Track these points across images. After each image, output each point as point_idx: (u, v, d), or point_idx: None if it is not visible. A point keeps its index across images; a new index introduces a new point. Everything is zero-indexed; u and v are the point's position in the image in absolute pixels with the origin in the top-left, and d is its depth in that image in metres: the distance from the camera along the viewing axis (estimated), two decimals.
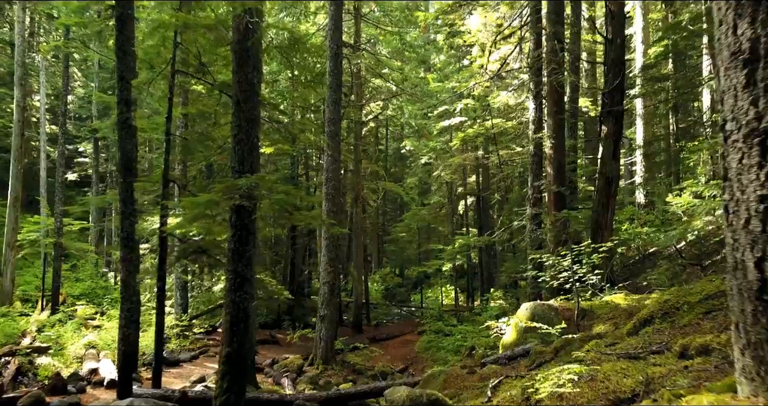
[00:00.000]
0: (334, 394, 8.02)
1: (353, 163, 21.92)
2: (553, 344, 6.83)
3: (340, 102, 14.91)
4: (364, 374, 14.30)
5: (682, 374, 2.91)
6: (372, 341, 19.05)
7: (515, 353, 7.57)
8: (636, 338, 4.79)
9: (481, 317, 16.98)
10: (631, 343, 4.60)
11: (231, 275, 6.60)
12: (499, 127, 19.03)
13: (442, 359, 15.69)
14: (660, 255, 15.82)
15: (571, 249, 7.78)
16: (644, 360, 3.67)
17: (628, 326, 5.70)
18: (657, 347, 4.07)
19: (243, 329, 6.49)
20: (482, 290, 25.15)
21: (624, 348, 4.39)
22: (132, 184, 7.94)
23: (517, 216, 20.02)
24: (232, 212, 6.63)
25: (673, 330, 4.70)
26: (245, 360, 6.53)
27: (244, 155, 6.74)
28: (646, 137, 22.88)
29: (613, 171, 12.04)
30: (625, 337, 5.47)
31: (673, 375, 2.91)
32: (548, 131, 12.70)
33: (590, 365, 3.84)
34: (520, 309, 8.63)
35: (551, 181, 12.47)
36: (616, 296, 8.43)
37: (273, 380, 12.60)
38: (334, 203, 14.09)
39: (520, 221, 14.10)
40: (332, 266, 14.05)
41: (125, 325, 7.73)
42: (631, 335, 5.39)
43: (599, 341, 5.10)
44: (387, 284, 33.44)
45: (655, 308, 5.46)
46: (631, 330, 5.56)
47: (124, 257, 7.83)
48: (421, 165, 31.80)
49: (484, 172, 24.99)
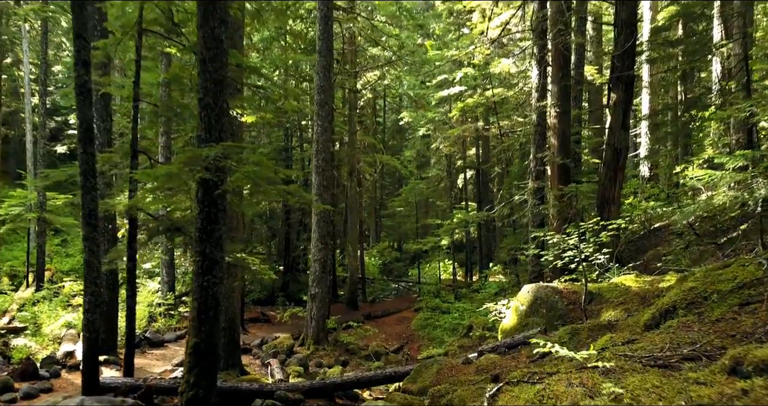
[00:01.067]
0: (318, 384, 7.40)
1: (348, 135, 21.05)
2: (558, 334, 6.16)
3: (332, 69, 13.98)
4: (357, 354, 13.76)
5: (740, 401, 2.21)
6: (367, 319, 18.52)
7: (515, 341, 6.92)
8: (659, 335, 4.08)
9: (480, 295, 16.40)
10: (655, 341, 3.89)
11: (198, 258, 5.89)
12: (499, 96, 18.11)
13: (439, 338, 15.16)
14: (667, 230, 15.12)
15: (578, 226, 7.05)
16: (678, 371, 2.96)
17: (646, 316, 5.00)
18: (690, 350, 3.35)
19: (212, 317, 5.81)
20: (481, 265, 24.58)
21: (648, 349, 3.68)
22: (93, 155, 7.17)
23: (517, 190, 19.26)
24: (198, 187, 5.88)
25: (703, 326, 3.99)
26: (215, 351, 5.86)
27: (211, 122, 5.95)
28: (653, 107, 21.96)
29: (621, 141, 11.23)
30: (643, 331, 4.77)
31: (728, 402, 2.21)
32: (552, 99, 11.84)
33: (609, 377, 3.14)
34: (521, 292, 7.95)
35: (555, 152, 11.67)
36: (626, 278, 7.74)
37: (261, 362, 12.04)
38: (325, 176, 13.31)
39: (522, 196, 13.35)
40: (323, 243, 13.36)
41: (90, 310, 7.06)
42: (651, 329, 4.69)
43: (614, 337, 4.40)
44: (384, 259, 32.88)
45: (678, 297, 4.74)
46: (649, 321, 4.86)
47: (86, 236, 7.11)
48: (420, 137, 30.89)
49: (484, 145, 24.12)
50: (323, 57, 13.28)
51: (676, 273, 7.85)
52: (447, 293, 20.13)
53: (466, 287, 20.21)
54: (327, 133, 13.42)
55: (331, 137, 13.88)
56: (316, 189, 13.28)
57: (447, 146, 23.89)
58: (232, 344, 10.41)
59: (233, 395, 7.35)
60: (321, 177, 13.23)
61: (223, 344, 10.38)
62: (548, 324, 7.22)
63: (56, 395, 8.79)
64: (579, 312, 7.16)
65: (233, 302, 10.45)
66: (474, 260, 26.15)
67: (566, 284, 7.77)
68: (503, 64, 17.41)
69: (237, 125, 15.71)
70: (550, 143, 11.94)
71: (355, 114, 20.85)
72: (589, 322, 6.05)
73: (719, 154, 9.38)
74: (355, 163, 20.75)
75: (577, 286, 7.70)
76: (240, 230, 10.65)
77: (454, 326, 15.46)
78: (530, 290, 7.70)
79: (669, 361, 3.28)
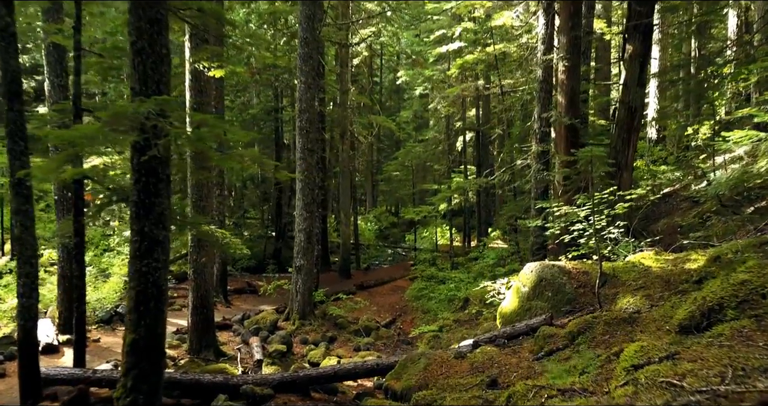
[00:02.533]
0: (290, 377, 6.50)
1: (339, 94, 19.74)
2: (568, 328, 5.19)
3: (317, 18, 12.63)
4: (346, 328, 12.95)
5: None
6: (359, 288, 17.69)
7: (517, 330, 5.97)
8: (708, 348, 3.09)
9: (477, 265, 15.50)
10: (706, 359, 2.89)
11: (135, 237, 4.87)
12: (500, 51, 16.76)
13: (433, 310, 14.33)
14: (678, 196, 14.07)
15: (592, 197, 6.00)
16: None
17: (681, 313, 4.01)
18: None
19: (155, 308, 4.85)
20: (479, 231, 23.65)
21: (701, 376, 2.68)
22: (21, 113, 6.07)
23: (519, 154, 18.11)
24: (133, 152, 4.82)
25: None
26: (159, 349, 4.91)
27: (146, 71, 4.83)
28: (663, 65, 20.57)
29: (637, 99, 10.08)
30: (680, 334, 3.79)
31: None
32: (561, 52, 10.58)
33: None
34: (524, 270, 6.97)
35: (562, 112, 10.51)
36: (644, 256, 6.74)
37: (241, 339, 11.20)
38: (309, 138, 12.17)
39: (524, 160, 12.24)
40: (308, 211, 12.34)
41: (25, 294, 6.11)
42: (690, 334, 3.70)
43: (645, 346, 3.40)
44: (381, 225, 31.97)
45: (725, 292, 3.74)
46: (686, 321, 3.87)
47: (16, 209, 6.08)
48: (417, 97, 29.44)
49: (484, 105, 22.80)
50: (306, 6, 11.92)
51: (700, 249, 6.86)
52: (443, 262, 19.27)
53: (463, 255, 19.32)
54: (311, 90, 12.19)
55: (315, 95, 12.66)
56: (300, 153, 12.16)
57: (446, 107, 22.55)
58: (205, 322, 9.54)
59: (194, 389, 6.48)
60: (305, 139, 12.09)
61: (195, 323, 9.52)
62: (554, 310, 6.26)
63: (5, 382, 7.95)
64: (590, 297, 6.19)
65: (206, 278, 9.51)
66: (472, 225, 25.20)
67: (575, 263, 6.78)
68: (505, 17, 16.00)
69: (217, 85, 14.48)
70: (557, 101, 10.76)
71: (347, 71, 19.47)
72: (606, 313, 5.07)
73: (761, 112, 8.21)
74: (348, 125, 19.52)
75: (588, 265, 6.71)
76: (211, 198, 9.61)
77: (450, 298, 14.61)
78: (534, 270, 6.72)
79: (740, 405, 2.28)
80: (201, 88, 9.25)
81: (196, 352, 9.44)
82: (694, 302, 3.98)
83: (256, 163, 5.19)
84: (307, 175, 12.18)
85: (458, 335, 11.09)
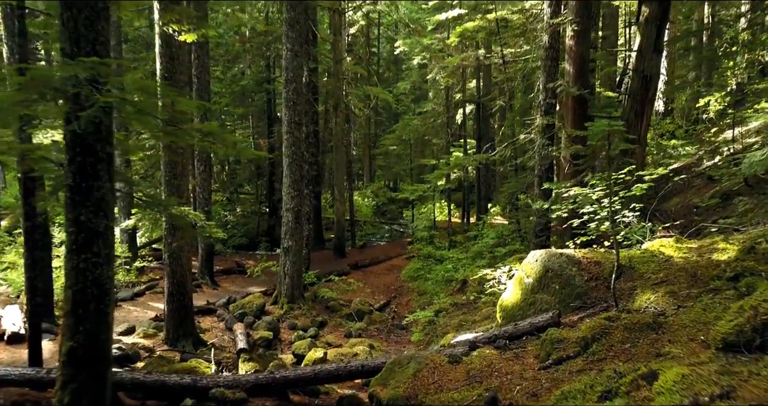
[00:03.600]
0: (266, 379, 5.82)
1: (333, 65, 18.74)
2: (580, 330, 4.47)
3: None
4: (338, 312, 12.32)
5: None
6: (354, 268, 17.04)
7: (519, 329, 5.26)
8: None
9: (476, 245, 14.78)
10: None
11: (71, 228, 4.12)
12: (502, 17, 15.73)
13: (430, 292, 13.68)
14: (689, 172, 13.28)
15: (609, 178, 5.22)
16: None
17: (725, 326, 3.28)
18: None
19: (95, 311, 4.13)
20: (479, 207, 22.90)
21: None
22: None
23: (520, 127, 17.22)
24: (66, 125, 4.04)
25: None
26: (103, 358, 4.21)
27: (78, 28, 4.01)
28: (673, 32, 19.48)
29: (652, 68, 9.21)
30: (726, 353, 3.06)
31: None
32: (569, 14, 9.64)
33: None
34: (527, 259, 6.23)
35: (571, 81, 9.63)
36: (663, 243, 5.99)
37: (225, 325, 10.56)
38: (297, 110, 11.31)
39: (528, 134, 11.40)
40: (297, 189, 11.57)
41: None
42: (736, 351, 2.98)
43: (688, 377, 2.68)
44: (378, 200, 31.13)
45: None
46: (731, 336, 3.14)
47: None
48: (416, 68, 28.30)
49: (485, 76, 21.76)
50: None
51: (725, 235, 6.10)
52: (441, 239, 18.57)
53: (462, 232, 18.61)
54: (299, 58, 11.28)
55: (304, 64, 11.75)
56: (287, 126, 11.32)
57: (445, 77, 21.50)
58: (182, 310, 8.85)
59: (159, 391, 5.81)
60: (292, 112, 11.23)
61: (172, 311, 8.85)
62: (562, 305, 5.55)
63: None
64: (603, 291, 5.47)
65: (182, 263, 8.79)
66: (471, 200, 24.44)
67: (585, 252, 6.03)
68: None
69: (200, 53, 13.52)
70: (565, 70, 9.87)
71: (341, 39, 18.41)
72: (625, 315, 4.34)
73: None
74: (342, 96, 18.56)
75: (600, 254, 5.97)
76: (186, 176, 8.82)
77: (448, 279, 13.95)
78: (539, 259, 5.98)
79: None
80: (172, 54, 8.36)
81: (174, 342, 8.79)
82: (741, 312, 3.24)
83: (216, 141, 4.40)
84: (295, 151, 11.37)
85: (455, 321, 10.44)
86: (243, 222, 24.07)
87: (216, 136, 4.46)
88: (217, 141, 4.53)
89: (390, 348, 10.28)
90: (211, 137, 4.49)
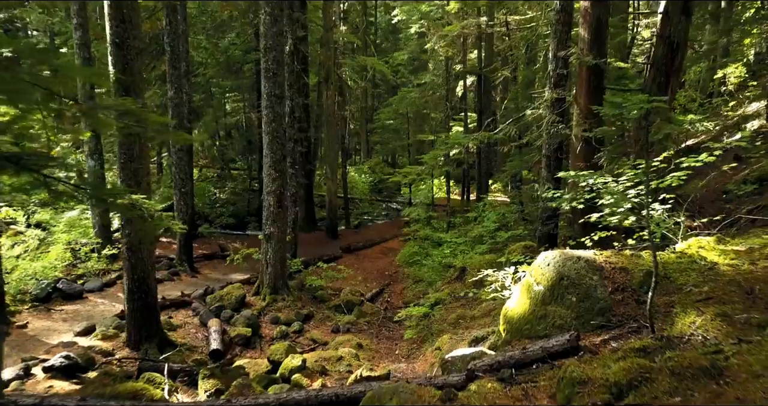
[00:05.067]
0: None
1: (323, 33, 17.41)
2: (612, 372, 3.44)
3: None
4: (326, 302, 11.40)
5: None
6: (346, 251, 16.10)
7: (528, 355, 4.26)
8: None
9: (476, 229, 13.76)
10: None
11: None
12: None
13: (426, 279, 12.71)
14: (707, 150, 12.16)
15: (648, 166, 4.16)
16: None
17: None
18: None
19: None
20: (479, 184, 21.83)
21: None
22: None
23: (525, 100, 15.98)
24: None
25: None
26: None
27: None
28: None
29: (680, 33, 8.00)
30: None
31: None
32: None
33: None
34: (537, 261, 5.19)
35: (585, 49, 8.44)
36: (702, 244, 4.96)
37: (200, 320, 9.62)
38: (277, 82, 10.13)
39: (535, 109, 10.24)
40: (278, 171, 10.49)
41: None
42: None
43: None
44: (376, 177, 29.98)
45: None
46: None
47: None
48: (414, 37, 26.82)
49: (487, 46, 20.38)
50: None
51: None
52: (439, 221, 17.55)
53: (461, 212, 17.58)
54: (279, 23, 10.06)
55: (283, 30, 10.51)
56: (267, 100, 10.17)
57: (444, 47, 20.13)
58: (145, 309, 7.87)
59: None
60: (272, 83, 10.07)
61: (133, 310, 7.88)
62: (580, 322, 4.54)
63: None
64: (633, 306, 4.46)
65: (143, 256, 7.76)
66: (472, 176, 23.35)
67: (608, 254, 4.99)
68: None
69: (172, 19, 12.25)
70: (580, 36, 8.67)
71: (333, 5, 17.06)
72: (670, 354, 3.32)
73: None
74: (333, 67, 17.30)
75: (626, 258, 4.93)
76: (146, 158, 7.72)
77: (446, 265, 12.98)
78: (551, 262, 4.94)
79: None
80: (124, 17, 7.17)
81: (136, 344, 7.84)
82: None
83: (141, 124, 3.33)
84: (276, 128, 10.25)
85: (453, 316, 9.50)
86: (233, 200, 23.01)
87: (137, 117, 3.38)
88: (141, 123, 3.45)
89: (380, 346, 9.36)
90: (132, 118, 3.40)
